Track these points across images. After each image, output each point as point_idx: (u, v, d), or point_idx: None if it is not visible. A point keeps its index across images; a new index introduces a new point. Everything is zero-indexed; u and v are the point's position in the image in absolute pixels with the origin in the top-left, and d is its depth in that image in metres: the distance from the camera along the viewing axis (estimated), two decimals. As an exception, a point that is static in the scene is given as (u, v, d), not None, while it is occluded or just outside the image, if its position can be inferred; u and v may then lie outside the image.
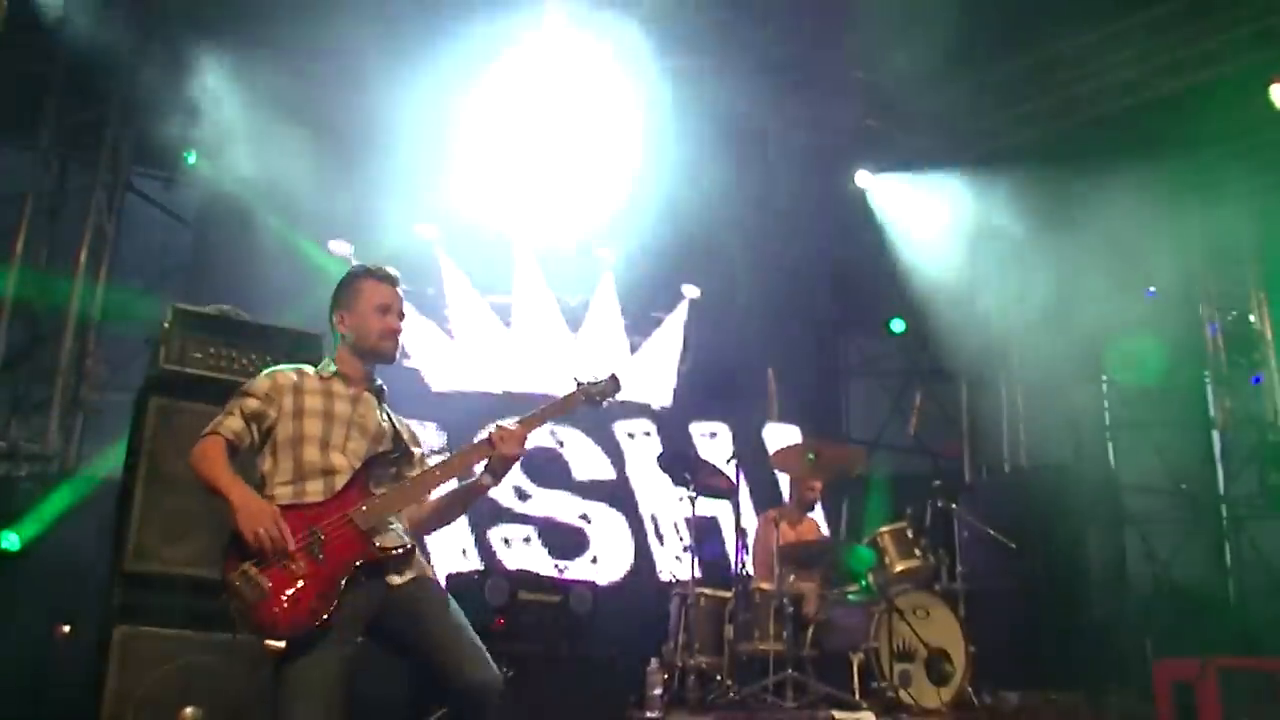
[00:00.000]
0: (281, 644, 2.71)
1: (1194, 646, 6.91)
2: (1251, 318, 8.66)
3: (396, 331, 3.17)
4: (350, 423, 3.07)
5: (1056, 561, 7.74)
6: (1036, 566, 7.56)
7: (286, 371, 3.13)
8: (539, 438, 7.83)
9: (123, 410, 4.68)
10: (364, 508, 2.90)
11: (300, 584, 2.76)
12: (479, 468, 3.12)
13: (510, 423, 3.11)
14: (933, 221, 8.71)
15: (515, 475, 7.66)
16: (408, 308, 3.26)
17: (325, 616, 2.73)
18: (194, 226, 7.28)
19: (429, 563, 3.10)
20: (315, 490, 2.94)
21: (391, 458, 3.10)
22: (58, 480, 6.03)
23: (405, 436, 3.21)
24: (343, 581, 2.79)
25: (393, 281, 3.21)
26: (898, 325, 9.57)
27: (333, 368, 3.17)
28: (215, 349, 4.28)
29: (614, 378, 3.28)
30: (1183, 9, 7.10)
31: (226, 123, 6.69)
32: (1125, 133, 7.80)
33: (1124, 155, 7.98)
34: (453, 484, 3.19)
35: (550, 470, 7.83)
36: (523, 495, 7.65)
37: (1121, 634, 7.94)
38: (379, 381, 3.23)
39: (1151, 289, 8.99)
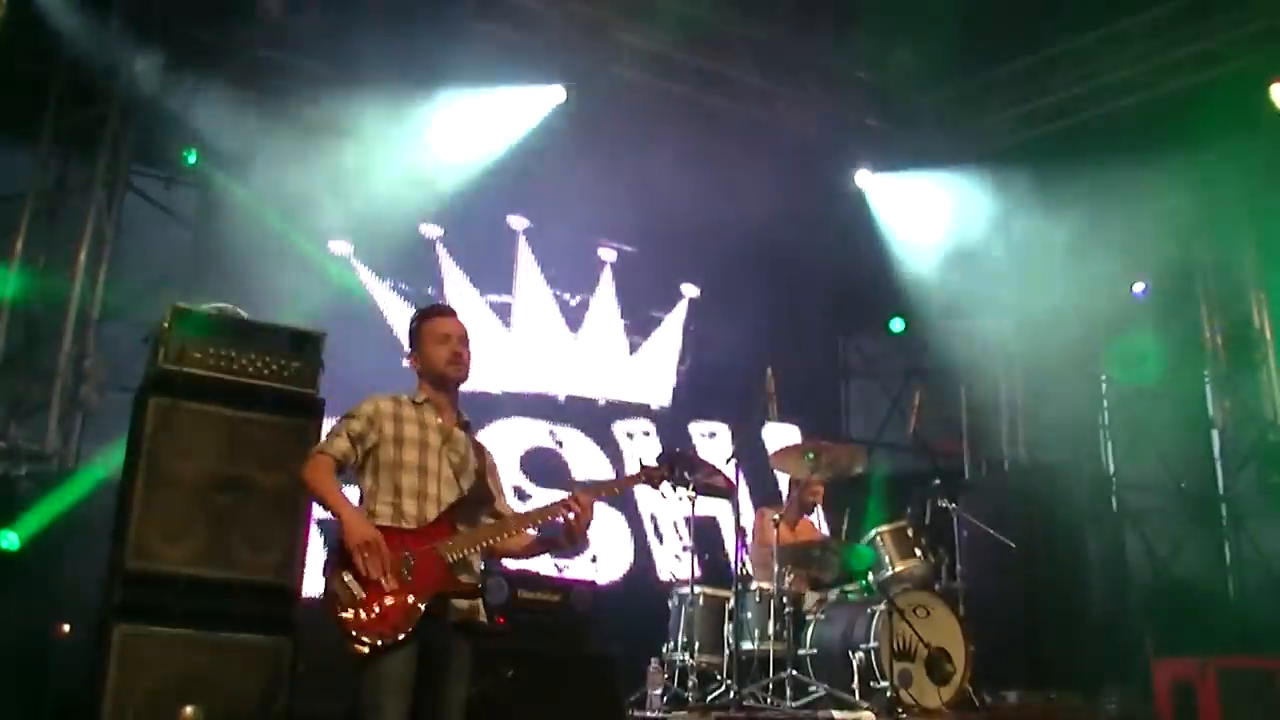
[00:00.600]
0: (365, 649, 2.98)
1: (1193, 645, 6.91)
2: (1251, 317, 8.65)
3: (458, 355, 3.46)
4: (441, 454, 3.37)
5: (1056, 561, 7.74)
6: (1036, 566, 7.57)
7: (386, 399, 3.40)
8: (537, 437, 7.90)
9: (122, 409, 4.67)
10: (450, 543, 3.19)
11: (389, 600, 3.04)
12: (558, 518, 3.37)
13: (584, 498, 3.33)
14: (932, 220, 8.71)
15: (515, 475, 7.67)
16: (407, 306, 3.42)
17: (406, 632, 3.03)
18: (193, 226, 7.28)
19: (487, 606, 3.41)
20: (411, 514, 3.23)
21: (477, 498, 3.37)
22: (57, 480, 6.01)
23: (490, 479, 3.47)
24: (424, 605, 3.08)
25: (447, 313, 3.57)
26: (897, 325, 9.57)
27: (421, 396, 3.46)
28: (214, 348, 4.27)
29: (682, 456, 3.65)
30: (1183, 9, 7.11)
31: (226, 122, 6.69)
32: (1125, 132, 7.80)
33: (1124, 154, 7.99)
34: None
35: (549, 470, 7.82)
36: (522, 495, 7.64)
37: (1121, 633, 7.95)
38: (466, 417, 3.51)
39: (1139, 289, 8.98)
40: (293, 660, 4.09)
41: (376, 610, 3.04)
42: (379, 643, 3.01)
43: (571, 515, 3.30)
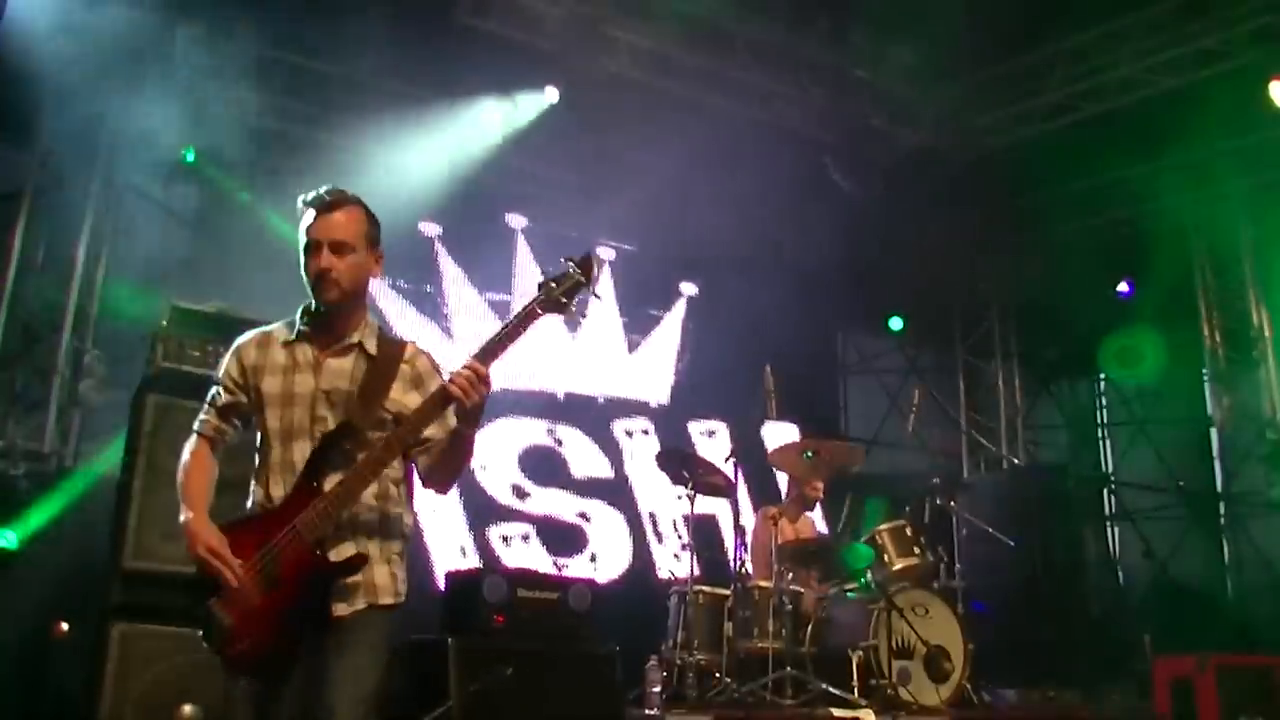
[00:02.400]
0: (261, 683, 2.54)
1: (1192, 643, 6.91)
2: (1250, 315, 8.66)
3: (324, 273, 2.60)
4: (314, 402, 2.62)
5: (1055, 559, 7.76)
6: (1035, 564, 7.58)
7: (251, 343, 2.73)
8: (536, 436, 7.89)
9: (120, 408, 4.67)
10: (311, 513, 2.50)
11: (257, 619, 2.47)
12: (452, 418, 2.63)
13: (465, 365, 2.53)
14: (931, 218, 8.70)
15: (514, 473, 7.66)
16: (405, 304, 3.13)
17: (288, 654, 2.48)
18: (192, 224, 7.27)
19: (399, 570, 2.67)
20: (279, 493, 2.59)
21: (342, 434, 2.59)
22: (55, 478, 6.01)
23: (386, 391, 2.66)
24: (298, 606, 2.48)
25: (322, 207, 2.63)
26: (896, 323, 9.58)
27: (301, 326, 2.71)
28: (213, 347, 4.27)
29: (584, 259, 2.60)
30: (1182, 7, 7.10)
31: (225, 120, 6.67)
32: (1124, 130, 7.80)
33: (1123, 152, 7.99)
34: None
35: (549, 468, 7.82)
36: (521, 494, 7.64)
37: (1120, 631, 7.96)
38: (357, 337, 2.69)
39: (1124, 289, 8.98)
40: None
41: (248, 637, 2.48)
42: (262, 676, 2.52)
43: (457, 389, 2.50)
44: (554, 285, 2.54)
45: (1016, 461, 9.65)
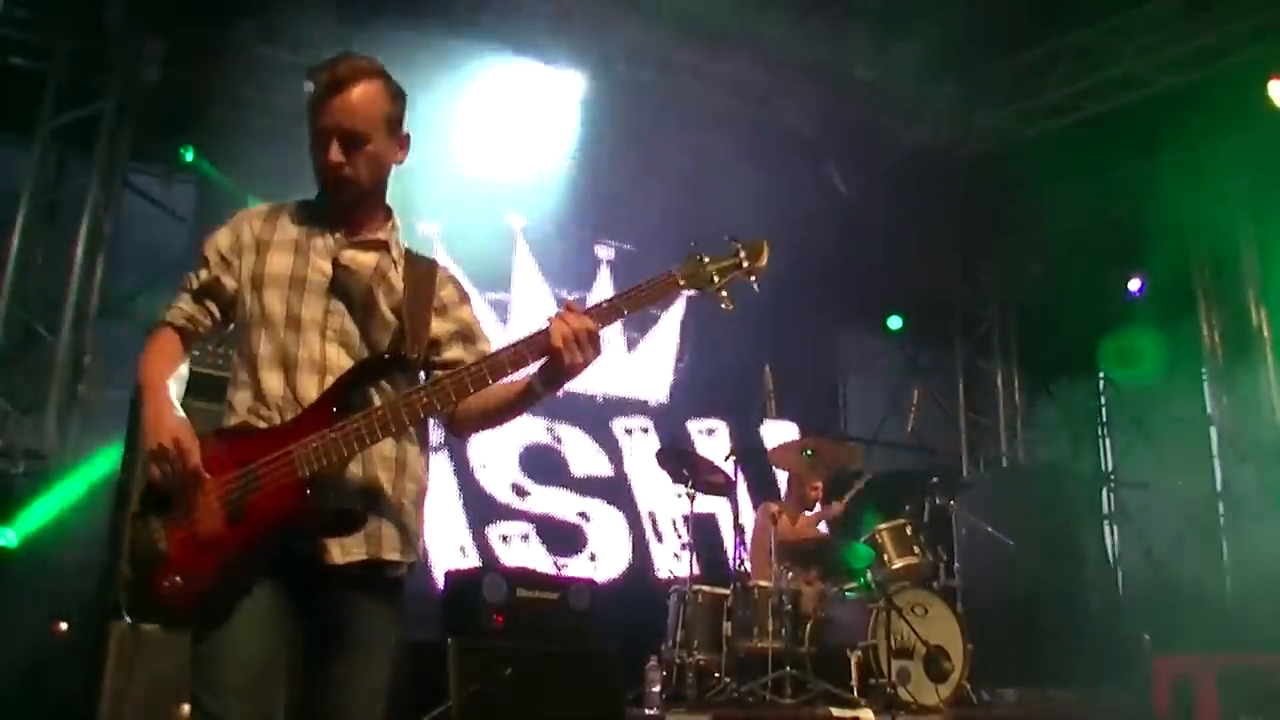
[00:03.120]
0: (175, 624, 2.25)
1: (1192, 643, 6.92)
2: (1250, 314, 8.65)
3: (333, 168, 2.20)
4: (327, 293, 2.21)
5: (1054, 558, 7.75)
6: (1035, 563, 7.57)
7: (254, 217, 2.31)
8: (535, 434, 7.89)
9: (120, 407, 4.66)
10: (315, 443, 2.05)
11: (203, 552, 2.02)
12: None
13: (579, 318, 2.10)
14: (931, 218, 8.70)
15: (513, 472, 7.66)
16: None
17: (221, 600, 2.02)
18: (191, 223, 7.26)
19: (408, 533, 2.23)
20: (275, 396, 2.16)
21: (379, 364, 2.20)
22: (55, 477, 6.01)
23: (429, 323, 2.28)
24: (261, 551, 2.04)
25: (331, 84, 2.18)
26: (895, 322, 9.57)
27: (317, 205, 2.32)
28: (212, 346, 4.26)
29: (754, 243, 2.27)
30: (1182, 5, 7.10)
31: (224, 119, 6.67)
32: (1124, 129, 7.79)
33: (1122, 151, 7.99)
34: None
35: (548, 467, 7.82)
36: (521, 492, 7.64)
37: (1119, 630, 7.96)
38: (381, 234, 2.32)
39: (1134, 288, 8.98)
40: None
41: (182, 570, 2.02)
42: (182, 621, 2.08)
43: (566, 348, 2.07)
44: (705, 259, 2.20)
45: (1016, 461, 9.64)
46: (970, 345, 10.07)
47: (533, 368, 2.18)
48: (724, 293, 2.22)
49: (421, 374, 2.29)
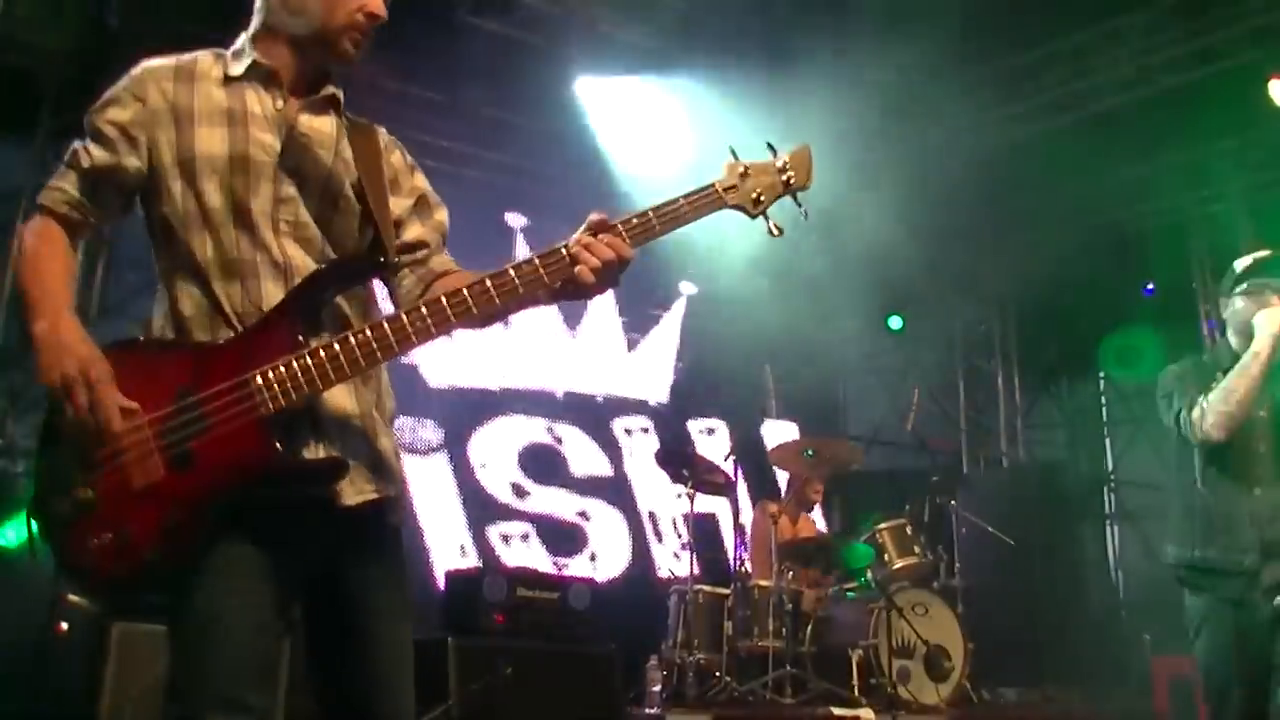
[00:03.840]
0: (107, 596, 1.81)
1: (1191, 643, 6.91)
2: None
3: (375, 21, 1.92)
4: (279, 173, 1.76)
5: (1055, 558, 7.75)
6: (1035, 563, 7.57)
7: (160, 76, 1.81)
8: (536, 434, 7.89)
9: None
10: (279, 373, 1.63)
11: (139, 505, 1.58)
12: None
13: (607, 238, 1.88)
14: (930, 217, 8.69)
15: (513, 472, 7.65)
16: None
17: (165, 566, 1.59)
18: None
19: (397, 461, 1.87)
20: (227, 309, 1.73)
21: (355, 269, 1.81)
22: (55, 477, 6.01)
23: (402, 209, 1.93)
24: (219, 509, 1.60)
25: None
26: (895, 322, 9.57)
27: (249, 58, 1.83)
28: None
29: (799, 150, 1.99)
30: (1180, 5, 7.10)
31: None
32: (1123, 129, 7.79)
33: (1121, 151, 7.99)
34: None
35: (548, 467, 7.82)
36: (521, 492, 7.63)
37: (1119, 630, 7.96)
38: (332, 89, 1.90)
39: (1149, 286, 9.00)
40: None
41: (110, 527, 1.58)
42: (118, 588, 1.69)
43: (591, 274, 1.82)
44: (747, 170, 1.88)
45: (1017, 460, 9.64)
46: (970, 345, 10.07)
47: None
48: (769, 216, 1.89)
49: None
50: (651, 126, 7.67)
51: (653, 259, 8.67)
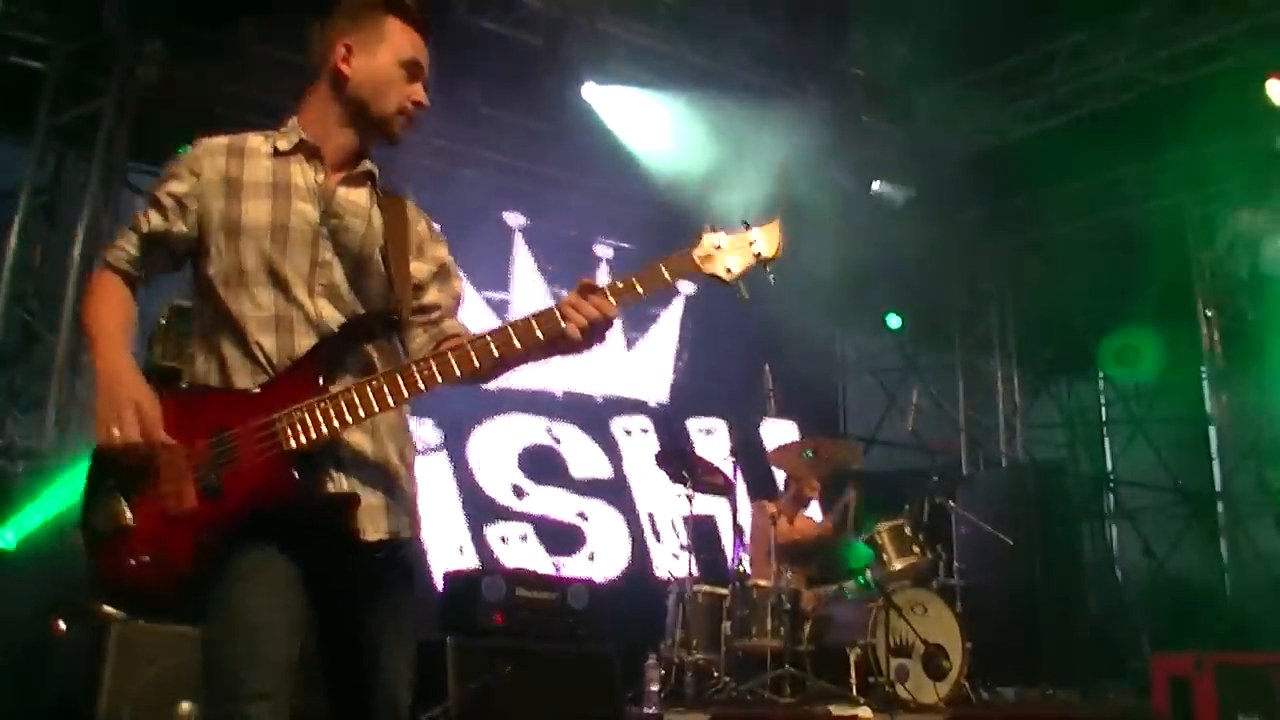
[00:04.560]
0: (125, 609, 2.06)
1: (1190, 641, 6.93)
2: (1249, 313, 8.66)
3: (422, 110, 2.09)
4: (318, 242, 1.98)
5: (1053, 557, 7.75)
6: (1034, 562, 7.58)
7: (216, 152, 2.02)
8: (534, 434, 7.89)
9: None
10: (300, 413, 1.84)
11: (174, 530, 1.81)
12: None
13: (595, 298, 2.03)
14: (930, 216, 8.70)
15: (512, 472, 7.66)
16: None
17: (197, 581, 1.80)
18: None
19: (415, 505, 2.07)
20: (262, 358, 1.93)
21: (369, 323, 2.01)
22: (54, 476, 6.01)
23: (423, 274, 2.10)
24: (237, 531, 1.81)
25: (426, 30, 2.10)
26: (895, 321, 9.58)
27: (296, 135, 2.05)
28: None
29: (770, 225, 2.11)
30: (1180, 5, 7.10)
31: (223, 118, 6.67)
32: (1123, 128, 7.80)
33: (1121, 150, 7.99)
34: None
35: (547, 467, 7.82)
36: (519, 493, 7.64)
37: (1118, 629, 7.97)
38: (369, 164, 2.10)
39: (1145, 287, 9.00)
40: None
41: (149, 547, 1.81)
42: (146, 603, 1.91)
43: (580, 334, 2.01)
44: (719, 245, 2.06)
45: (1016, 460, 9.65)
46: (970, 345, 10.07)
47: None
48: (741, 283, 2.09)
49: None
50: (651, 128, 7.66)
51: (653, 258, 8.68)
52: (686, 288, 8.86)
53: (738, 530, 6.12)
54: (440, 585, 5.70)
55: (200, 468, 1.83)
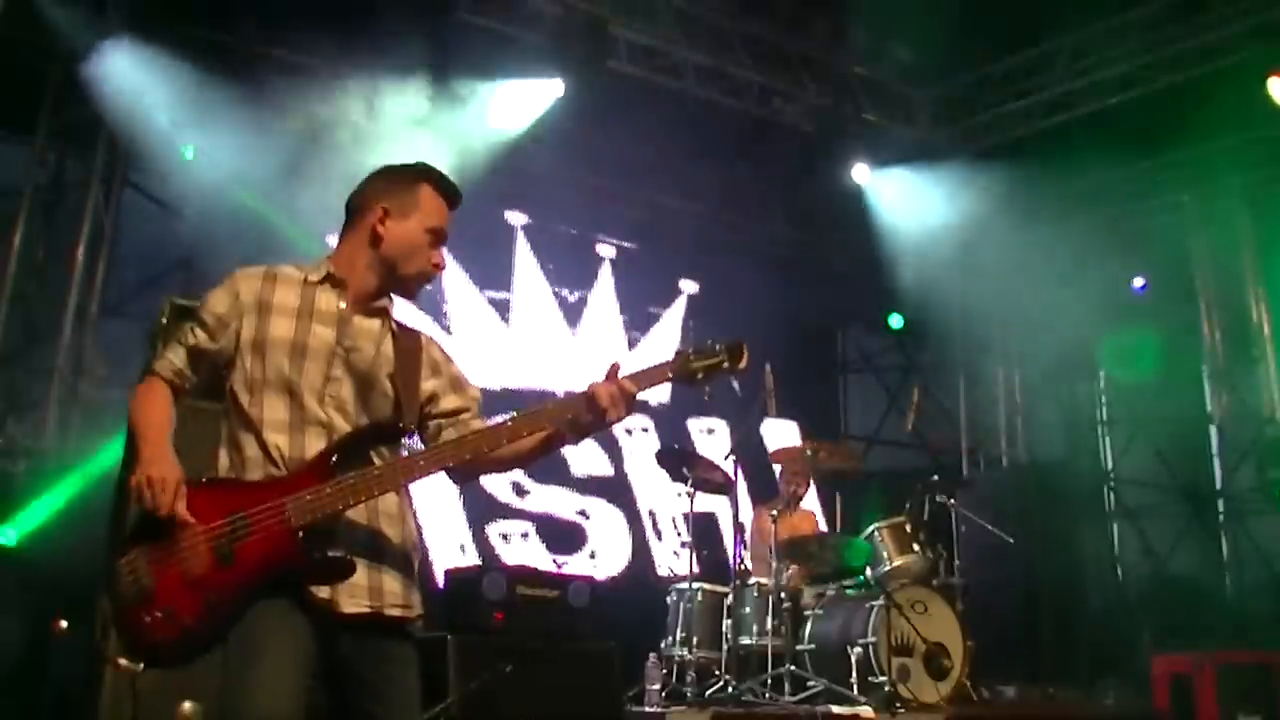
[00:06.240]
0: (139, 666, 2.37)
1: (1191, 640, 6.93)
2: (1249, 312, 8.65)
3: (439, 272, 2.46)
4: (333, 358, 2.29)
5: (1054, 556, 7.76)
6: (1034, 561, 7.58)
7: (257, 275, 2.35)
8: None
9: (120, 405, 4.65)
10: (308, 496, 2.13)
11: (187, 592, 2.09)
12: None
13: (619, 382, 2.47)
14: (930, 216, 8.70)
15: (513, 471, 7.66)
16: (406, 305, 2.61)
17: (201, 647, 2.10)
18: (191, 221, 7.26)
19: (410, 585, 2.32)
20: (276, 456, 2.23)
21: (377, 431, 2.30)
22: (55, 475, 6.02)
23: (427, 390, 2.41)
24: (250, 594, 2.10)
25: (455, 202, 2.49)
26: (895, 321, 9.58)
27: (326, 269, 2.37)
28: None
29: (734, 345, 2.51)
30: (1181, 3, 7.11)
31: (224, 118, 6.67)
32: (1123, 127, 7.80)
33: (1121, 149, 7.99)
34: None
35: (548, 466, 7.81)
36: (521, 491, 7.64)
37: (1119, 628, 7.97)
38: (385, 302, 2.42)
39: (1139, 283, 8.99)
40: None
41: (162, 607, 2.08)
42: (161, 657, 2.14)
43: (610, 406, 2.44)
44: (691, 357, 2.50)
45: (1016, 460, 9.64)
46: (970, 345, 10.06)
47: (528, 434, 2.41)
48: (706, 385, 2.52)
49: (416, 434, 2.45)
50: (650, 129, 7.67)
51: (653, 258, 8.71)
52: (689, 287, 8.87)
53: (738, 528, 6.12)
54: (441, 583, 5.71)
55: (216, 540, 2.11)
